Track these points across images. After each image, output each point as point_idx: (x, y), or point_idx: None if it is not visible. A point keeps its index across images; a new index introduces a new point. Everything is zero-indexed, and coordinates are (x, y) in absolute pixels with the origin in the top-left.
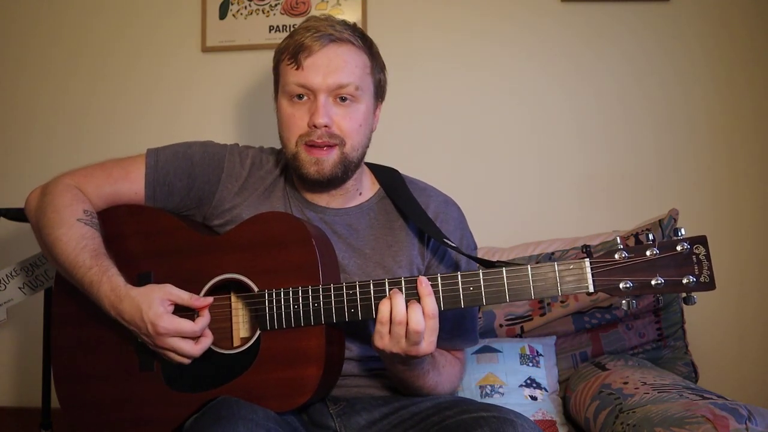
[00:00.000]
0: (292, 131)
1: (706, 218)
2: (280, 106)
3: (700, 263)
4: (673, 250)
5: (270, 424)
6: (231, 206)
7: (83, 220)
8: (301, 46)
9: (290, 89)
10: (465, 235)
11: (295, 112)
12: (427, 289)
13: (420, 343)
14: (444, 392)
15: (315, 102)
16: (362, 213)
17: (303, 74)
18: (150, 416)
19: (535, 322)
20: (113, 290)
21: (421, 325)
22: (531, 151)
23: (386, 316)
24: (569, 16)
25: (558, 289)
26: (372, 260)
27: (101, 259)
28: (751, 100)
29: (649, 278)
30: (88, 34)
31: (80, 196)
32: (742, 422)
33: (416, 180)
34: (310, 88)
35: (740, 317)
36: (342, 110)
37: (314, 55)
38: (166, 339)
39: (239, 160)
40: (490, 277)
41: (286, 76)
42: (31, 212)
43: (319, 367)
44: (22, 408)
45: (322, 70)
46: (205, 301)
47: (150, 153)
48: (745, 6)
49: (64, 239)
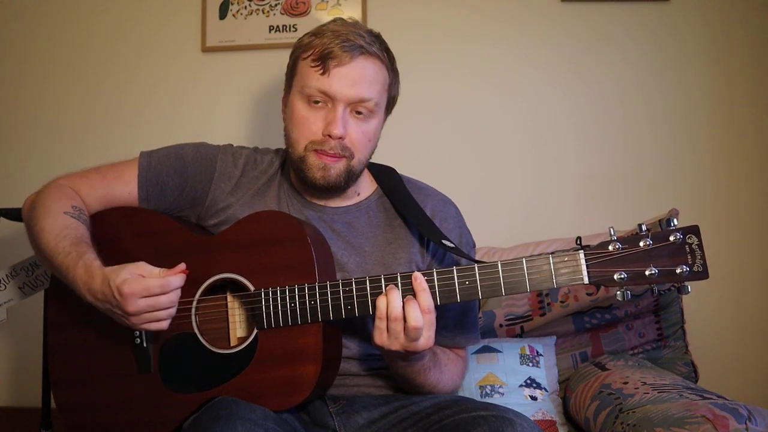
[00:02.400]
0: (304, 134)
1: (706, 218)
2: (293, 104)
3: (693, 252)
4: (666, 240)
5: (269, 424)
6: (225, 206)
7: (69, 213)
8: (330, 53)
9: (310, 92)
10: (464, 233)
11: (309, 115)
12: (422, 284)
13: (418, 339)
14: (446, 390)
15: (333, 111)
16: (361, 211)
17: (328, 81)
18: (148, 418)
19: (535, 322)
20: (87, 271)
21: (419, 321)
22: (531, 151)
23: (383, 312)
24: (569, 16)
25: (553, 282)
26: (371, 258)
27: (80, 246)
28: (751, 100)
29: (643, 268)
30: (88, 34)
31: (71, 194)
32: (742, 422)
33: (414, 179)
34: (332, 96)
35: (740, 317)
36: (356, 123)
37: (344, 66)
38: (135, 300)
39: (232, 160)
40: (486, 271)
41: (308, 78)
42: (25, 213)
43: (317, 364)
44: (21, 408)
45: (347, 82)
46: (177, 268)
47: (143, 155)
48: (745, 6)
49: (48, 228)
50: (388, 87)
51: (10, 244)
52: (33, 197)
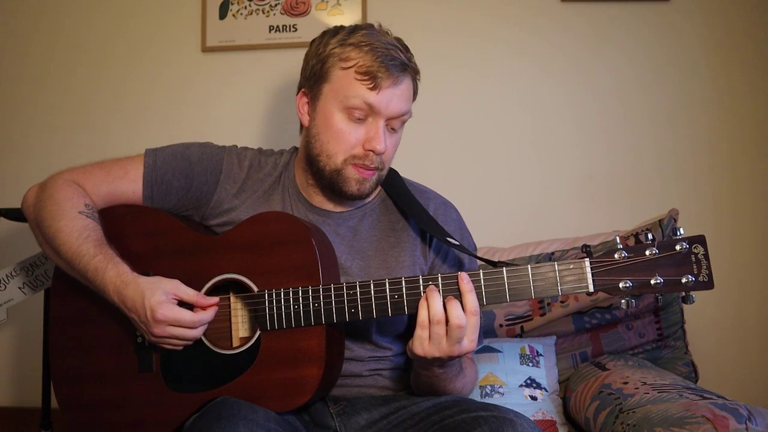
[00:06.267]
0: (343, 147)
1: (706, 218)
2: (329, 114)
3: (699, 263)
4: (672, 249)
5: (270, 425)
6: (229, 208)
7: (84, 212)
8: (383, 70)
9: (355, 103)
10: (465, 236)
11: (351, 129)
12: (469, 285)
13: (462, 341)
14: (467, 393)
15: (375, 126)
16: (364, 215)
17: (377, 98)
18: (149, 417)
19: (535, 322)
20: (119, 276)
21: (462, 320)
22: (531, 151)
23: (425, 319)
24: (569, 16)
25: (558, 289)
26: (375, 261)
27: (105, 248)
28: (751, 100)
29: (649, 278)
30: (88, 35)
31: (80, 190)
32: (742, 422)
33: (416, 183)
34: (379, 113)
35: (740, 317)
36: (390, 136)
37: (396, 86)
38: (163, 326)
39: (237, 161)
40: (491, 277)
41: (353, 90)
42: (30, 208)
43: (319, 367)
44: (22, 408)
45: (396, 101)
46: (212, 300)
47: (149, 153)
48: (745, 6)
49: (66, 230)
50: (414, 97)
51: (10, 244)
52: (35, 192)
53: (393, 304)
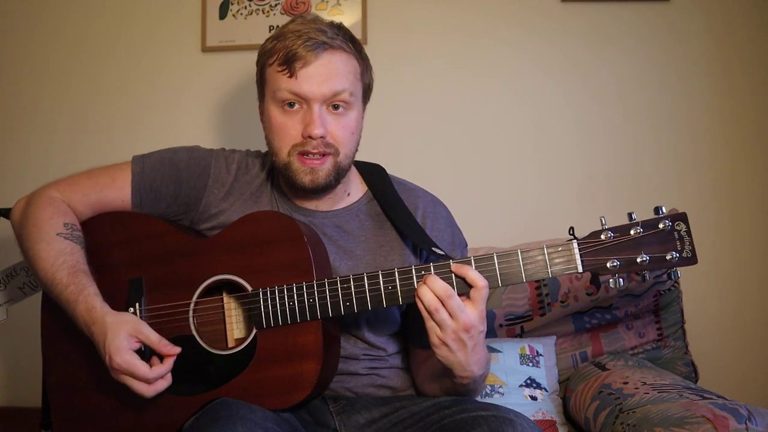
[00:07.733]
0: (284, 140)
1: (706, 218)
2: (269, 113)
3: (682, 239)
4: (656, 228)
5: (269, 424)
6: (217, 211)
7: (63, 234)
8: (294, 55)
9: (282, 96)
10: (455, 233)
11: (287, 120)
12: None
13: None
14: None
15: (309, 112)
16: (351, 215)
17: (297, 83)
18: (148, 421)
19: (535, 322)
20: (88, 312)
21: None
22: (531, 151)
23: (425, 311)
24: (569, 16)
25: (548, 271)
26: (363, 261)
27: (78, 277)
28: (751, 100)
29: (635, 256)
30: (88, 35)
31: (62, 208)
32: (742, 422)
33: (404, 180)
34: (305, 97)
35: (740, 317)
36: (335, 119)
37: (310, 65)
38: (119, 374)
39: (225, 165)
40: (482, 264)
41: (277, 83)
42: (15, 223)
43: (317, 361)
44: (22, 408)
45: (317, 80)
46: (173, 349)
47: (136, 160)
48: (745, 6)
49: (43, 255)
50: (360, 75)
51: (10, 244)
52: (22, 207)
53: (387, 295)
